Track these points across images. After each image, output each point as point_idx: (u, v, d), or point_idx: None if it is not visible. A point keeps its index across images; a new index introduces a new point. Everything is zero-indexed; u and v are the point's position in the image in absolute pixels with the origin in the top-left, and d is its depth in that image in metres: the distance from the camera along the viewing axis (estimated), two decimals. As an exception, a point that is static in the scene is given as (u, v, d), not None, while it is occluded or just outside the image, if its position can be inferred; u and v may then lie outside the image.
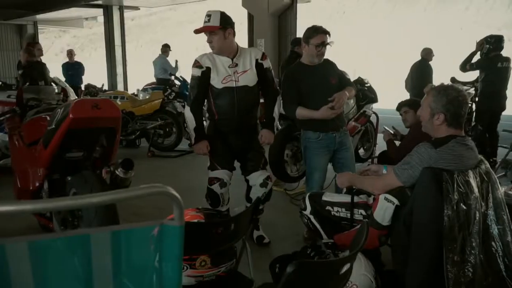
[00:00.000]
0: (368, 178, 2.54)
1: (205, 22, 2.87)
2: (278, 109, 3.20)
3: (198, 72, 2.97)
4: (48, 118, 3.03)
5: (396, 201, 2.21)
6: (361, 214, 2.50)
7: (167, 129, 6.94)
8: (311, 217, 2.71)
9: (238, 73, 2.97)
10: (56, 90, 5.10)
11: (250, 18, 9.53)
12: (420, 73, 7.24)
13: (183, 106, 7.08)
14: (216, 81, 2.97)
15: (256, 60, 3.02)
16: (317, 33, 3.10)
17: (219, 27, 2.86)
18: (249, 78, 3.01)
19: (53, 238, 0.99)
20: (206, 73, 2.96)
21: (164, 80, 9.48)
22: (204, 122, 3.29)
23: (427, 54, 7.38)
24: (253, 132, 3.17)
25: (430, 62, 7.36)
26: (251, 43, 9.45)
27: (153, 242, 1.12)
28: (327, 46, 3.15)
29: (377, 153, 5.35)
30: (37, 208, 0.88)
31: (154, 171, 5.73)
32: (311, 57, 3.17)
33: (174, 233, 1.05)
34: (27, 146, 3.09)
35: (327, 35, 3.13)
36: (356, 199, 2.53)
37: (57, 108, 2.67)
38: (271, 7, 8.77)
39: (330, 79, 3.20)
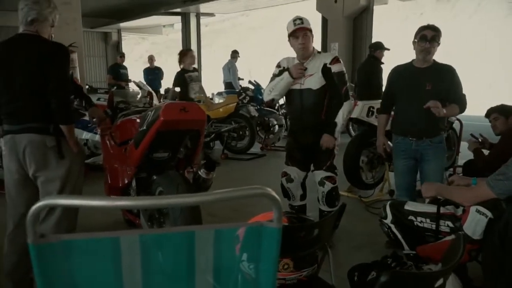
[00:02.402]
0: (457, 189, 2.41)
1: (298, 24, 3.07)
2: (344, 114, 3.20)
3: (276, 71, 3.32)
4: (137, 120, 3.23)
5: (489, 214, 2.07)
6: (447, 226, 2.38)
7: (241, 132, 7.09)
8: (392, 226, 2.63)
9: (305, 76, 3.15)
10: (140, 94, 5.44)
11: (324, 22, 9.48)
12: None
13: (257, 110, 7.23)
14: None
15: (324, 64, 3.13)
16: (422, 30, 3.02)
17: (311, 29, 3.13)
18: (313, 82, 3.14)
19: (161, 233, 1.06)
20: (282, 72, 3.24)
21: (231, 84, 9.98)
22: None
23: None
24: (320, 133, 3.23)
25: None
26: (324, 47, 9.38)
27: (242, 242, 1.15)
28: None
29: (459, 162, 5.06)
30: (161, 204, 0.94)
31: (228, 173, 5.87)
32: (417, 55, 3.07)
33: (273, 235, 1.07)
34: (117, 146, 3.30)
35: (433, 31, 2.98)
36: (442, 210, 2.41)
37: (147, 111, 2.83)
38: (346, 10, 8.66)
39: (425, 84, 3.03)
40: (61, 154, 2.31)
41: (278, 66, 3.33)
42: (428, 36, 2.96)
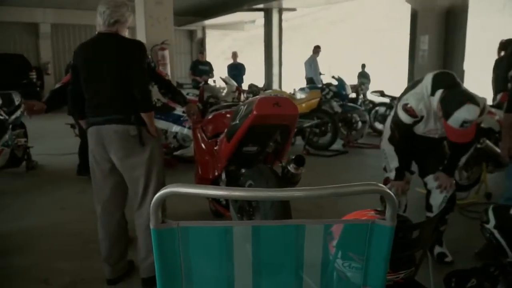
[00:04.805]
0: None
1: (466, 127, 2.54)
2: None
3: (409, 121, 2.75)
4: (227, 114, 3.32)
5: None
6: (562, 234, 2.16)
7: (323, 128, 7.00)
8: (495, 231, 2.44)
9: None
10: (227, 89, 5.59)
11: (414, 14, 9.02)
12: None
13: (340, 106, 7.09)
14: (420, 129, 2.81)
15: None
16: None
17: None
18: None
19: (273, 225, 1.07)
20: (418, 121, 2.76)
21: (313, 79, 9.91)
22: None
23: None
24: (441, 140, 2.96)
25: None
26: (413, 40, 8.94)
27: (341, 239, 1.13)
28: None
29: None
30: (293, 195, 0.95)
31: (310, 169, 5.82)
32: None
33: (385, 233, 1.04)
34: (208, 140, 3.42)
35: None
36: (556, 216, 2.19)
37: (240, 105, 2.90)
38: (439, 1, 8.16)
39: None
40: (142, 141, 2.48)
41: (414, 116, 2.71)
42: None
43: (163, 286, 1.05)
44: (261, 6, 13.69)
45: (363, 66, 13.25)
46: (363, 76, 12.74)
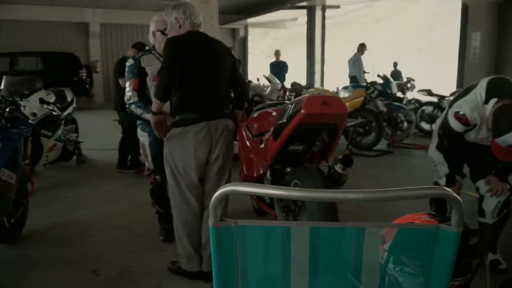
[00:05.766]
0: None
1: None
2: None
3: (460, 129, 2.71)
4: (273, 113, 3.31)
5: None
6: None
7: (367, 128, 6.86)
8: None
9: None
10: (270, 88, 5.58)
11: (464, 9, 8.65)
12: None
13: (385, 105, 6.92)
14: (472, 137, 2.74)
15: None
16: None
17: None
18: None
19: (331, 227, 1.05)
20: (470, 129, 2.70)
21: (356, 78, 9.76)
22: None
23: None
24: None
25: None
26: (463, 36, 8.58)
27: (396, 243, 1.09)
28: None
29: None
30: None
31: (354, 169, 5.72)
32: None
33: (450, 239, 1.00)
34: (253, 138, 3.42)
35: None
36: None
37: (287, 103, 2.88)
38: (492, -5, 7.79)
39: None
40: (235, 137, 2.67)
41: (467, 124, 2.65)
42: None
43: (219, 283, 1.06)
44: (304, 3, 13.58)
45: (395, 64, 12.85)
46: (395, 75, 12.34)
